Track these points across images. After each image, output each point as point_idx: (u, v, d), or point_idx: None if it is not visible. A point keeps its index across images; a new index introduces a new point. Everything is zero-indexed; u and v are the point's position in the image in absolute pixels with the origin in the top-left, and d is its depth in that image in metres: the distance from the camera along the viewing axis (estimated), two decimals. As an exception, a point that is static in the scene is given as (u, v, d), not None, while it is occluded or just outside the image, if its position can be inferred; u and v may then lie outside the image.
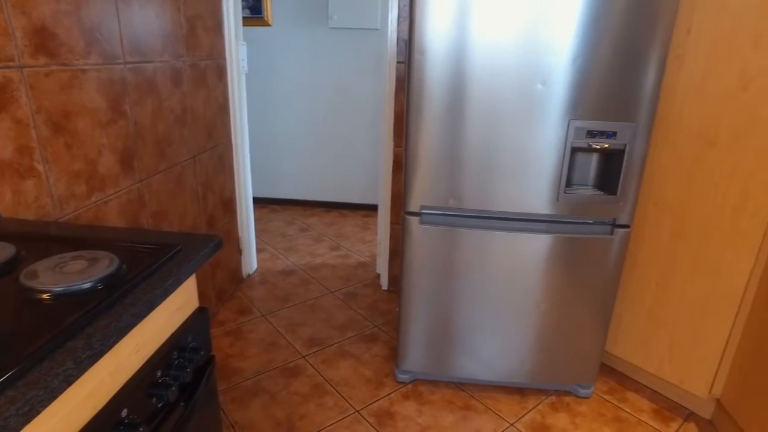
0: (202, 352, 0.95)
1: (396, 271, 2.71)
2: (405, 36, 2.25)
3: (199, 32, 2.04)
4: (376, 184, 3.83)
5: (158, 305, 0.79)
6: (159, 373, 0.81)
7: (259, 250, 3.17)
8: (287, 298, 2.62)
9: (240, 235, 2.68)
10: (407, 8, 2.19)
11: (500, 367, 1.85)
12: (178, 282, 0.84)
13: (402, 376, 1.96)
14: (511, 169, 1.57)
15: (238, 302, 2.55)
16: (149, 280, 0.80)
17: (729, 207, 1.59)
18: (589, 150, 1.55)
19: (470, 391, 1.93)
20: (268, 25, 3.54)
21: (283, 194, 4.08)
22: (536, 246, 1.66)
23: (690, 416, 1.84)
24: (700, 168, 1.62)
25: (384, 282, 2.75)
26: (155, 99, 1.73)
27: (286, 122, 3.86)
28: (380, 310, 2.52)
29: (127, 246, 0.90)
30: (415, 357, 1.88)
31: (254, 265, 2.91)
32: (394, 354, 2.14)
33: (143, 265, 0.83)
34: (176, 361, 0.87)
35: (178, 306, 0.92)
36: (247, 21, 3.45)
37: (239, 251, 2.70)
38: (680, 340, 1.80)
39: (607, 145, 1.52)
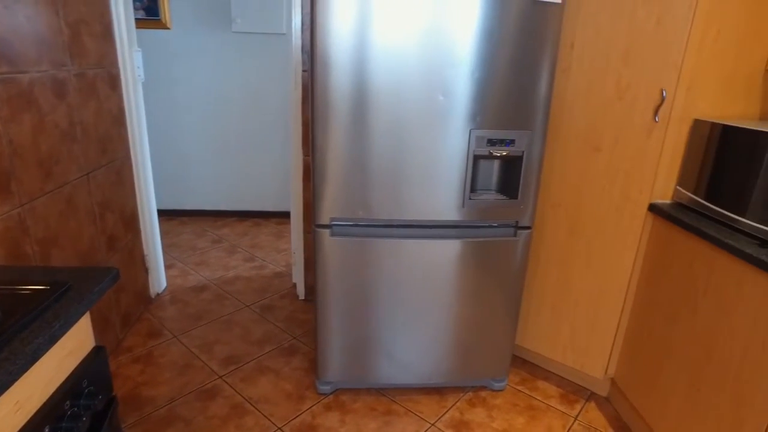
0: (100, 396, 0.89)
1: (312, 281, 2.68)
2: (309, 44, 2.23)
3: (85, 38, 1.89)
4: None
5: (43, 355, 0.72)
6: (47, 430, 0.74)
7: (167, 267, 3.00)
8: (200, 315, 2.50)
9: (146, 252, 2.52)
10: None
11: (419, 369, 1.90)
12: (68, 325, 0.78)
13: (323, 388, 1.95)
14: (418, 178, 1.62)
15: (147, 325, 2.40)
16: (31, 327, 0.73)
17: (614, 206, 1.75)
18: (490, 157, 1.63)
19: (391, 395, 1.97)
20: (167, 28, 3.36)
21: (193, 205, 3.89)
22: (446, 251, 1.72)
23: (591, 396, 2.01)
24: (589, 171, 1.76)
25: (301, 291, 2.72)
26: (35, 113, 1.58)
27: (192, 131, 3.68)
28: (298, 321, 2.49)
29: (4, 290, 0.82)
30: (335, 367, 1.88)
31: (163, 284, 2.75)
32: (314, 366, 2.12)
33: (24, 310, 0.75)
34: (69, 412, 0.80)
35: (69, 350, 0.84)
36: (142, 24, 3.24)
37: (145, 270, 2.54)
38: (580, 329, 1.95)
39: (506, 153, 1.61)
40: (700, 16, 1.52)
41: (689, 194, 1.65)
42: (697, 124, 1.63)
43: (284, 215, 3.91)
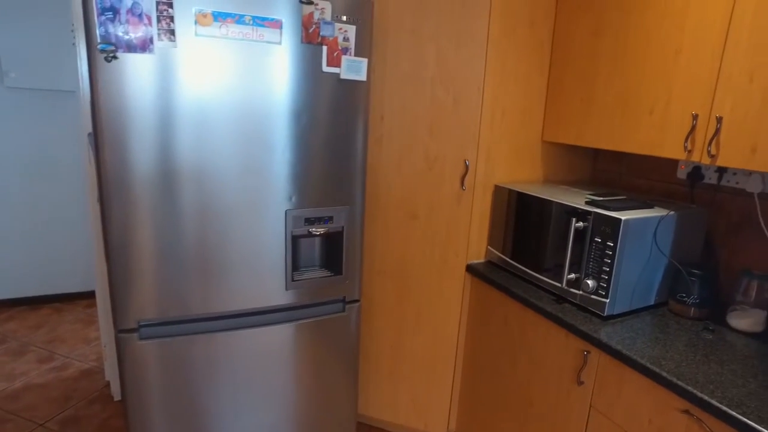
0: None
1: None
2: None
3: None
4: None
5: None
6: None
7: (-77, 388, 2.33)
8: (-29, 450, 1.97)
9: None
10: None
11: (257, 469, 1.71)
12: None
13: None
14: (236, 265, 1.49)
15: None
16: None
17: (435, 270, 1.82)
18: (310, 236, 1.58)
19: (228, 506, 1.73)
20: None
21: (-36, 297, 3.14)
22: (275, 337, 1.60)
23: (436, 457, 2.02)
24: (410, 238, 1.81)
25: (117, 391, 2.32)
26: None
27: (-43, 206, 3.00)
28: (114, 429, 2.10)
29: None
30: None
31: None
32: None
33: None
34: None
35: None
36: None
37: None
38: (419, 391, 1.97)
39: (325, 230, 1.57)
40: (487, 98, 1.70)
41: (499, 254, 1.79)
42: (498, 189, 1.79)
43: (94, 295, 3.38)
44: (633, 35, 1.53)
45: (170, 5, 1.22)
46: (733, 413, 1.04)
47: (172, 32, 1.24)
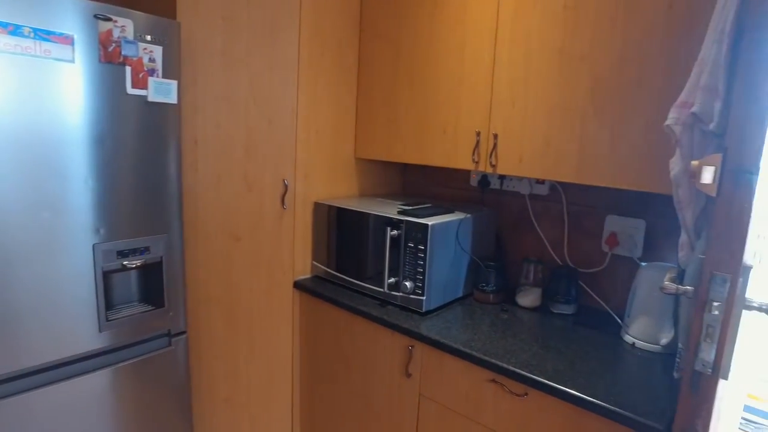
0: None
1: None
2: None
3: None
4: None
5: None
6: None
7: None
8: None
9: None
10: None
11: None
12: None
13: None
14: (34, 313, 1.28)
15: None
16: None
17: (263, 290, 1.81)
18: (125, 270, 1.45)
19: None
20: None
21: None
22: (89, 387, 1.41)
23: (281, 479, 2.00)
24: (234, 260, 1.77)
25: None
26: None
27: None
28: None
29: None
30: None
31: None
32: None
33: None
34: None
35: None
36: None
37: None
38: (258, 415, 1.92)
39: (141, 262, 1.46)
40: (301, 118, 1.77)
41: (324, 267, 1.87)
42: (317, 206, 1.87)
43: None
44: (425, 64, 1.76)
45: None
46: (523, 372, 1.27)
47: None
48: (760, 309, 0.84)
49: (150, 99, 1.37)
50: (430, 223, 1.56)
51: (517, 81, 1.54)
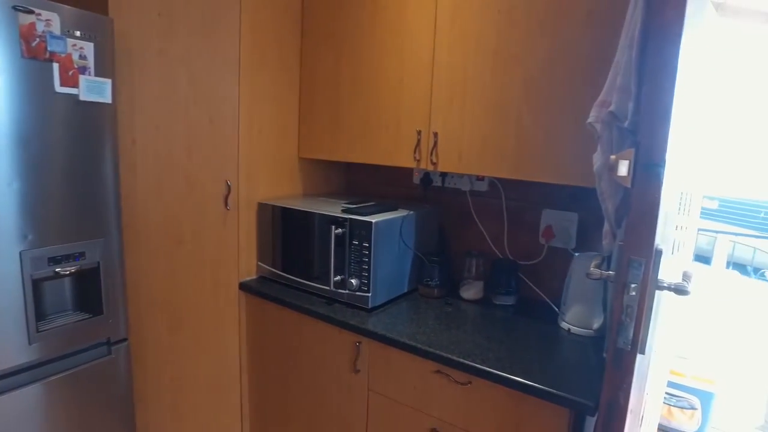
0: None
1: None
2: None
3: None
4: None
5: None
6: None
7: None
8: None
9: None
10: None
11: None
12: None
13: None
14: (-47, 326, 1.21)
15: None
16: None
17: (208, 293, 1.78)
18: (58, 277, 1.39)
19: None
20: None
21: None
22: (21, 403, 1.35)
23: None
24: (177, 264, 1.73)
25: None
26: None
27: None
28: None
29: None
30: None
31: None
32: None
33: None
34: None
35: None
36: None
37: None
38: (206, 420, 1.89)
39: (76, 268, 1.40)
40: (243, 118, 1.76)
41: (269, 268, 1.86)
42: (261, 206, 1.86)
43: None
44: (367, 64, 1.79)
45: None
46: (466, 362, 1.33)
47: None
48: (669, 288, 0.92)
49: (82, 98, 1.32)
50: (373, 221, 1.59)
51: (455, 81, 1.59)
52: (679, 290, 0.93)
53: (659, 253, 0.88)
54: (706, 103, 2.10)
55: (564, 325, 1.59)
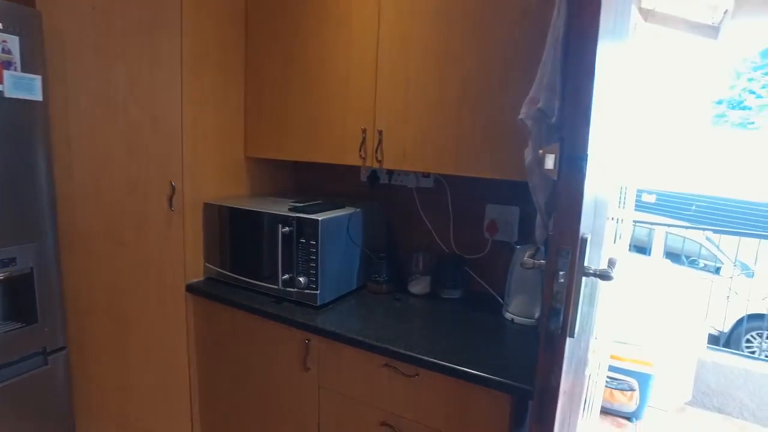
0: None
1: None
2: None
3: None
4: None
5: None
6: None
7: None
8: None
9: None
10: None
11: None
12: None
13: None
14: None
15: None
16: None
17: (154, 296, 1.74)
18: (-12, 284, 1.32)
19: None
20: None
21: None
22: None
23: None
24: (120, 267, 1.68)
25: None
26: None
27: None
28: None
29: None
30: None
31: None
32: None
33: None
34: None
35: None
36: None
37: None
38: (155, 428, 1.84)
39: (7, 274, 1.34)
40: (187, 118, 1.73)
41: (217, 269, 1.83)
42: (207, 207, 1.83)
43: None
44: (316, 64, 1.80)
45: None
46: (413, 354, 1.36)
47: None
48: (595, 275, 0.98)
49: (7, 94, 1.27)
50: (320, 219, 1.60)
51: (398, 80, 1.62)
52: (604, 276, 0.99)
53: (584, 241, 0.93)
54: (639, 102, 2.22)
55: (508, 315, 1.66)
